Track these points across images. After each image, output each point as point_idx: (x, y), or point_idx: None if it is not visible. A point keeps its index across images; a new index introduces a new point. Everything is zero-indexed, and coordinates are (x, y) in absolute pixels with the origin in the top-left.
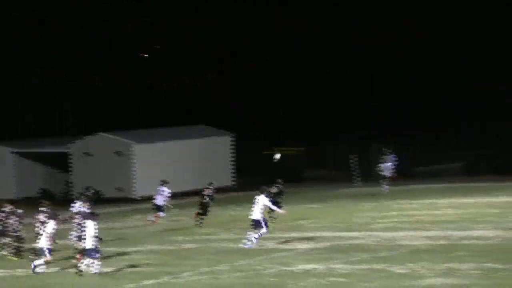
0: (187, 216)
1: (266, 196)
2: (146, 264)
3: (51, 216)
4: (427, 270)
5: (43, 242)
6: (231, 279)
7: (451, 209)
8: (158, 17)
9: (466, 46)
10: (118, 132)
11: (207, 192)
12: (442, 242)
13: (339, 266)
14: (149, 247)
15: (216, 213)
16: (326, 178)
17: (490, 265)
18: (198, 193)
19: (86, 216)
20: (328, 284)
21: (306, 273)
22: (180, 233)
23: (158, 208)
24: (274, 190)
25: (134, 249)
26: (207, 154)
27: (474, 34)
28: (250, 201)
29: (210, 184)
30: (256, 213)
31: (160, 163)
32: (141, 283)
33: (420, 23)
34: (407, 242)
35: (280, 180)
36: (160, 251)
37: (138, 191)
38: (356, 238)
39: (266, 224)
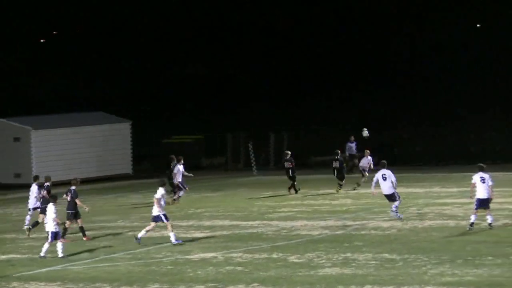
0: (84, 204)
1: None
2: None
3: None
4: (324, 259)
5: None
6: (129, 266)
7: (348, 199)
8: None
9: None
10: (17, 118)
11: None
12: (339, 232)
13: (238, 255)
14: (45, 234)
15: (114, 200)
16: (224, 166)
17: (387, 255)
18: (96, 180)
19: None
20: (226, 273)
21: (205, 261)
22: None
23: None
24: None
25: (31, 236)
26: (105, 141)
27: None
28: (148, 189)
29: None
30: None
31: (59, 149)
32: (37, 271)
33: None
34: (305, 232)
35: None
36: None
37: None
38: (254, 227)
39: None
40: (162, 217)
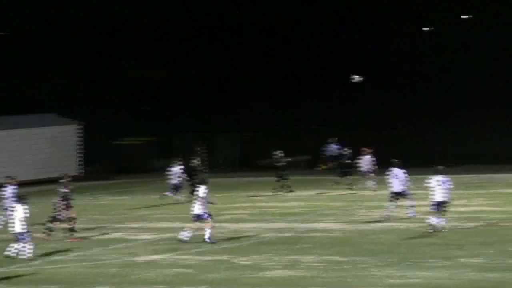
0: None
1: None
2: None
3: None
4: (272, 262)
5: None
6: (77, 268)
7: (297, 201)
8: None
9: None
10: None
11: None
12: (287, 234)
13: (185, 257)
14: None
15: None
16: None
17: (334, 257)
18: (46, 182)
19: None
20: (174, 275)
21: (152, 263)
22: None
23: None
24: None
25: None
26: (54, 143)
27: None
28: (97, 191)
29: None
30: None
31: (7, 151)
32: None
33: None
34: (253, 234)
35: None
36: (5, 240)
37: None
38: (203, 229)
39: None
40: (205, 215)
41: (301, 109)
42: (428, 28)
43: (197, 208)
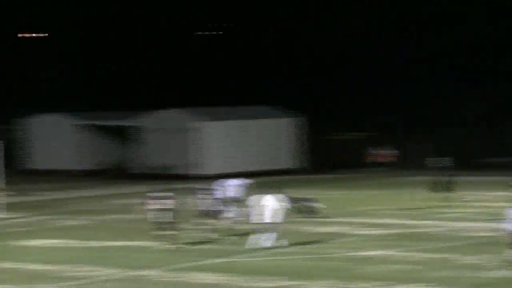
0: None
1: None
2: (212, 243)
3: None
4: (499, 262)
5: None
6: (299, 261)
7: None
8: None
9: None
10: (188, 109)
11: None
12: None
13: (409, 254)
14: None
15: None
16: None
17: None
18: (261, 173)
19: None
20: (398, 271)
21: (376, 259)
22: None
23: None
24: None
25: (200, 227)
26: (273, 135)
27: None
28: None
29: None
30: None
31: (229, 142)
32: (206, 262)
33: None
34: (477, 234)
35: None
36: (226, 230)
37: (209, 168)
38: (426, 226)
39: None
40: None
41: None
42: None
43: None
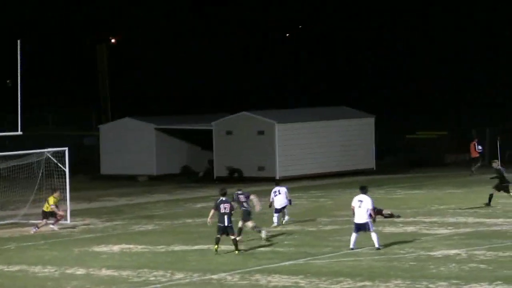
0: (328, 198)
1: None
2: (286, 245)
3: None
4: None
5: None
6: (371, 261)
7: None
8: None
9: None
10: (260, 112)
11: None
12: None
13: (481, 252)
14: (289, 228)
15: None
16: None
17: None
18: (338, 175)
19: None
20: (469, 270)
21: (447, 258)
22: (320, 214)
23: None
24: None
25: (275, 229)
26: (349, 136)
27: None
28: (391, 184)
29: None
30: None
31: (301, 144)
32: (281, 264)
33: None
34: None
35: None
36: (300, 232)
37: (280, 171)
38: (498, 224)
39: None
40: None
41: None
42: None
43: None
